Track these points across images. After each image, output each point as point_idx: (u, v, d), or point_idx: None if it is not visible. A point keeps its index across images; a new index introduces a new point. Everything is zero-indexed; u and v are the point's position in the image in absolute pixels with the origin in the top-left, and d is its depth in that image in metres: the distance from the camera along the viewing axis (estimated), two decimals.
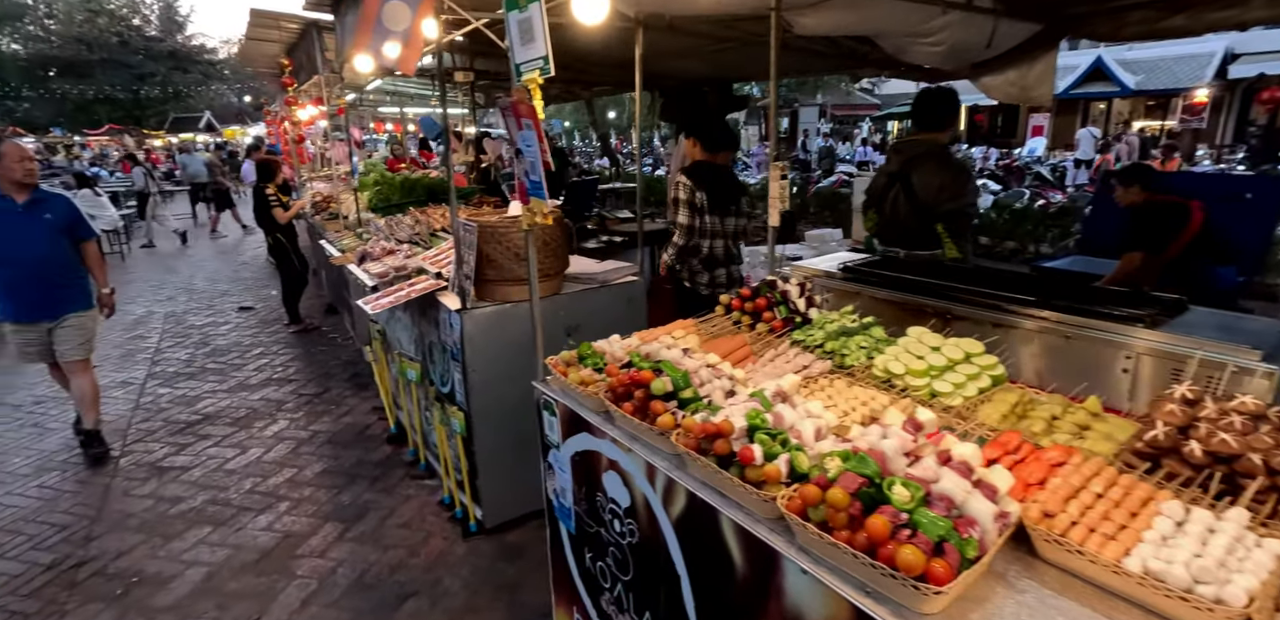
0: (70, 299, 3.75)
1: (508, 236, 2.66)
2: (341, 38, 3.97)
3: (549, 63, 1.55)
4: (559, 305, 2.90)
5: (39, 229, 3.57)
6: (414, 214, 4.28)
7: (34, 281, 3.63)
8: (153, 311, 7.16)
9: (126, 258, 10.30)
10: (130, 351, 5.88)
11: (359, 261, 3.47)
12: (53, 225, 3.61)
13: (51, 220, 3.61)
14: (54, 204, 3.66)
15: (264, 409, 4.54)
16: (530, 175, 1.66)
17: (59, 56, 33.11)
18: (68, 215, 3.69)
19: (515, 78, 1.66)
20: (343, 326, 6.26)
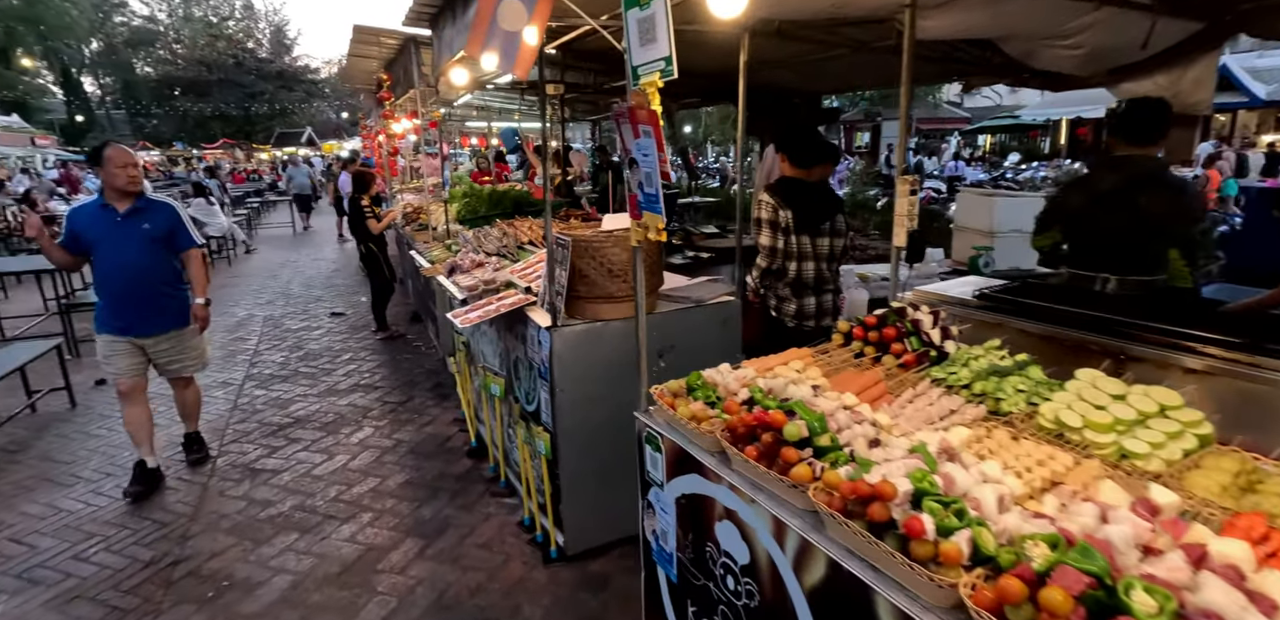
0: (168, 313, 3.52)
1: (603, 252, 2.53)
2: (438, 52, 4.00)
3: (671, 64, 1.40)
4: (651, 325, 2.73)
5: (135, 239, 3.36)
6: (501, 226, 4.24)
7: (130, 294, 3.41)
8: (253, 314, 7.50)
9: (233, 262, 10.92)
10: (232, 352, 6.13)
11: (448, 273, 3.43)
12: (149, 235, 3.39)
13: (149, 230, 3.38)
14: (154, 213, 3.43)
15: (351, 415, 4.59)
16: (645, 187, 1.51)
17: (183, 77, 36.03)
18: (167, 224, 3.44)
19: (632, 81, 1.51)
20: (426, 335, 6.34)
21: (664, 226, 1.54)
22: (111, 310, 3.43)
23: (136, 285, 3.39)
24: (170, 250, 3.50)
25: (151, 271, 3.42)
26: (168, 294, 3.50)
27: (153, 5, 39.84)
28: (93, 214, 3.36)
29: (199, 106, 35.55)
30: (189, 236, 3.55)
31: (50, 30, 31.56)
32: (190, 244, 3.55)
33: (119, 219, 3.33)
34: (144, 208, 3.40)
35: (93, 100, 39.76)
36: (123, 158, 3.31)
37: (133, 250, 3.35)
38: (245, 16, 41.00)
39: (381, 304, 6.34)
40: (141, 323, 3.46)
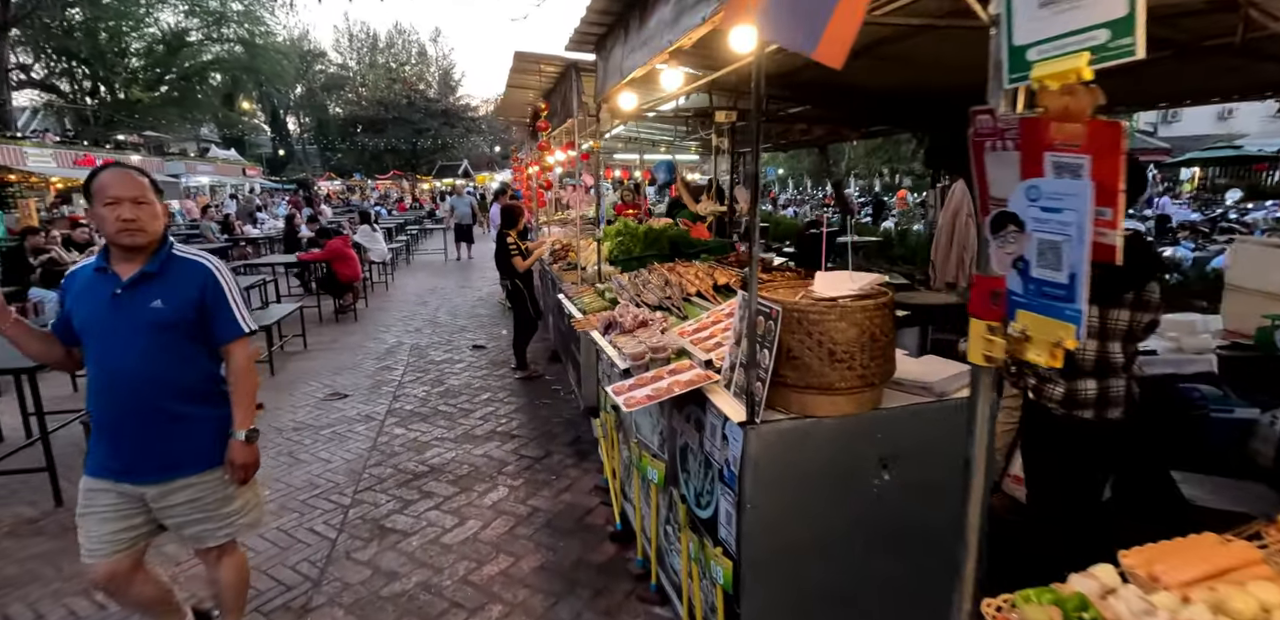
0: (186, 447, 2.13)
1: (822, 327, 1.88)
2: (603, 76, 3.59)
3: (1130, 31, 0.72)
4: (875, 424, 2.03)
5: (138, 325, 2.02)
6: (660, 271, 3.71)
7: (126, 415, 2.06)
8: (402, 342, 7.54)
9: (390, 287, 11.39)
10: (378, 383, 6.07)
11: (604, 329, 2.92)
12: (162, 319, 2.03)
13: (162, 311, 2.03)
14: (175, 281, 2.08)
15: (485, 469, 4.21)
16: (1039, 266, 0.84)
17: (364, 116, 40.03)
18: (195, 299, 2.09)
19: (1005, 76, 0.85)
20: (565, 378, 5.96)
21: (1073, 342, 0.85)
22: (101, 438, 2.13)
23: (136, 400, 2.05)
24: (199, 343, 2.14)
25: (162, 378, 2.06)
26: (187, 416, 2.12)
27: (345, 54, 44.99)
28: (86, 282, 2.08)
29: (375, 141, 39.33)
30: (233, 319, 2.15)
31: (266, 78, 36.35)
32: (235, 332, 2.15)
33: (118, 292, 2.01)
34: (158, 273, 2.05)
35: (292, 137, 45.31)
36: (118, 188, 1.97)
37: (132, 344, 2.02)
38: (419, 62, 45.19)
39: (523, 342, 6.05)
40: (140, 462, 2.09)
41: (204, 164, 31.10)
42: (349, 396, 5.69)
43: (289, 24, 42.28)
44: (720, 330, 2.60)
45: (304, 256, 8.64)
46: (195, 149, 34.98)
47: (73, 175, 22.13)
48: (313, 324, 8.41)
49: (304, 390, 5.87)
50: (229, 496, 2.24)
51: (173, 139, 34.29)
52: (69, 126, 29.18)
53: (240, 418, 2.19)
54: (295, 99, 43.57)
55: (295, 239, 10.82)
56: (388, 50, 45.18)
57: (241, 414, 2.20)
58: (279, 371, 6.38)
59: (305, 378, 6.22)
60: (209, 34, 32.94)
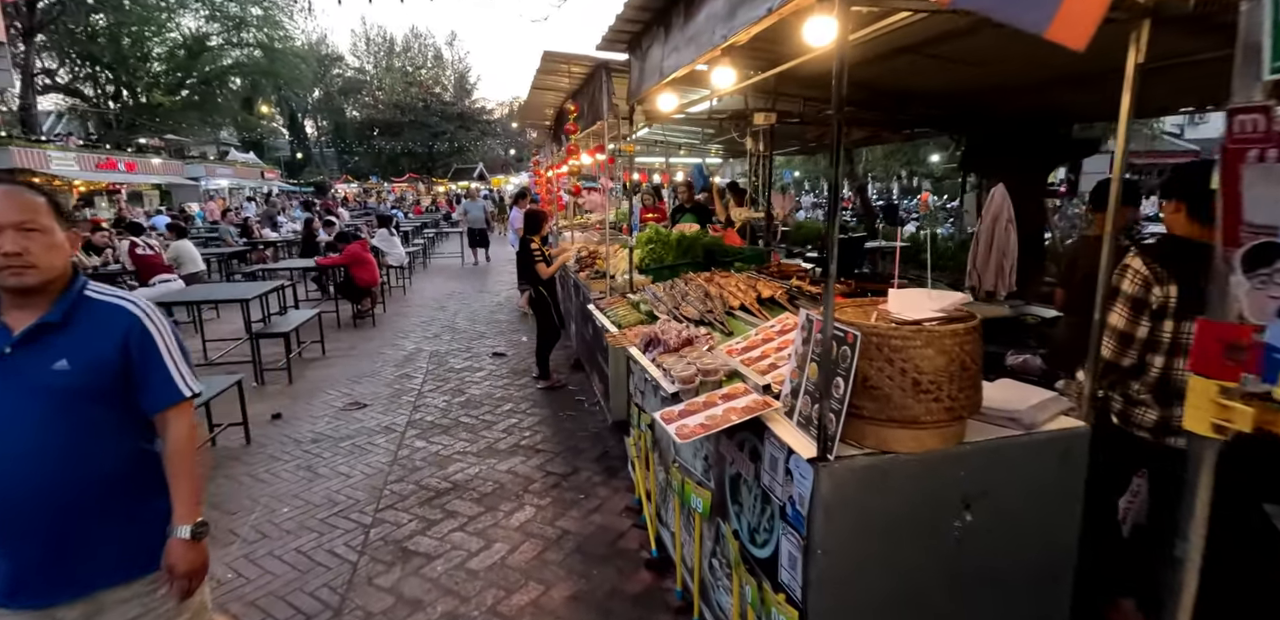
0: (111, 552, 1.59)
1: (905, 354, 1.67)
2: (639, 77, 3.40)
3: None
4: (959, 461, 1.82)
5: (35, 392, 1.50)
6: (698, 282, 3.51)
7: (21, 515, 1.49)
8: (421, 349, 7.39)
9: (408, 291, 11.28)
10: (398, 391, 5.91)
11: (644, 347, 2.72)
12: (68, 384, 1.51)
13: (67, 374, 1.51)
14: (86, 332, 1.56)
15: (511, 486, 4.02)
16: None
17: (381, 119, 40.21)
18: (114, 355, 1.57)
19: (1267, 63, 0.64)
20: (590, 387, 5.77)
21: None
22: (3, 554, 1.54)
23: (36, 497, 1.49)
24: (122, 413, 1.62)
25: (71, 464, 1.52)
26: (111, 513, 1.59)
27: (362, 58, 45.25)
28: None
29: (391, 144, 39.49)
30: (169, 379, 1.64)
31: (285, 82, 36.62)
32: (172, 396, 1.64)
33: (6, 350, 1.49)
34: (63, 323, 1.54)
35: (310, 140, 45.62)
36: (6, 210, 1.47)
37: (24, 419, 1.49)
38: (435, 65, 45.36)
39: (546, 351, 5.87)
40: (47, 576, 1.53)
41: (223, 167, 31.34)
42: (368, 406, 5.53)
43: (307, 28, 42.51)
44: (773, 349, 2.40)
45: (322, 261, 8.53)
46: (215, 152, 35.28)
47: (94, 178, 22.32)
48: (331, 329, 8.29)
49: (322, 399, 5.72)
50: (173, 611, 1.66)
51: (193, 142, 34.61)
52: (92, 130, 29.49)
53: (182, 509, 1.63)
54: (313, 102, 43.86)
55: (313, 243, 10.74)
56: (404, 54, 45.39)
57: (183, 504, 1.63)
58: (297, 379, 6.25)
59: (324, 386, 6.07)
60: (229, 38, 33.24)
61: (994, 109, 4.54)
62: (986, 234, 6.10)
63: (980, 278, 6.27)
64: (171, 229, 8.97)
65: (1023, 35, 2.44)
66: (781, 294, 3.03)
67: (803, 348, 1.96)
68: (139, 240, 8.04)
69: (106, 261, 8.50)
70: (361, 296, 8.55)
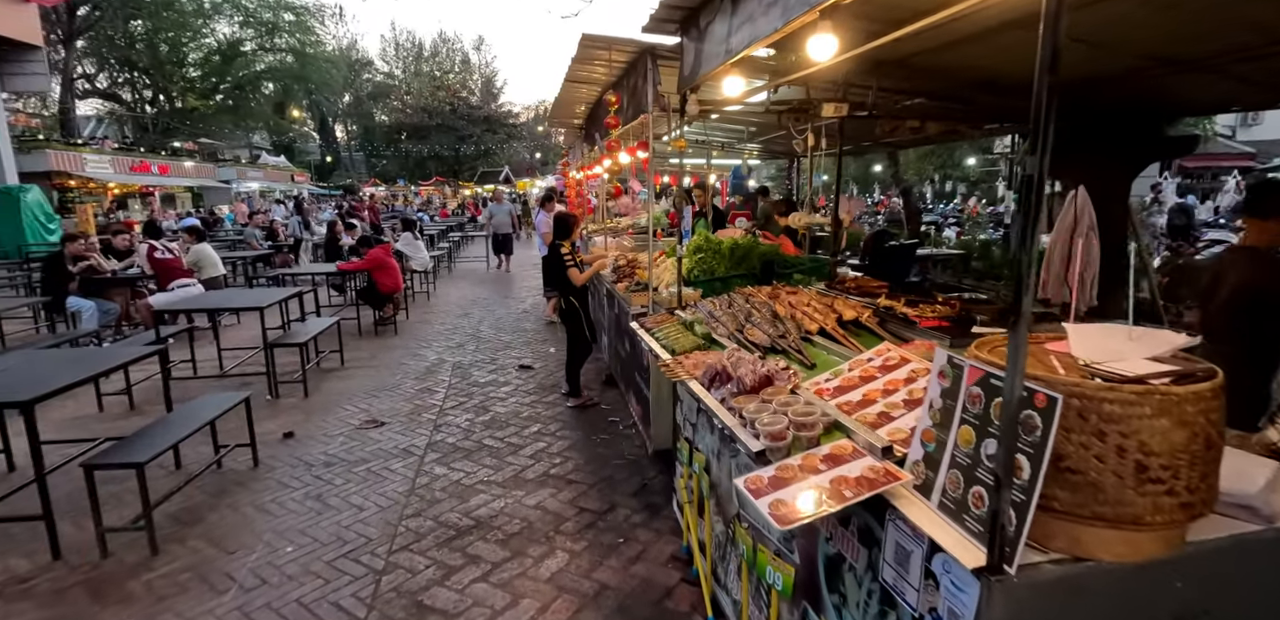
0: None
1: (1127, 425, 1.16)
2: (695, 59, 2.91)
3: None
4: (1174, 569, 1.30)
5: None
6: (761, 298, 3.01)
7: None
8: (443, 360, 6.97)
9: (431, 297, 10.91)
10: (418, 408, 5.48)
11: (708, 381, 2.22)
12: None
13: None
14: None
15: (540, 525, 3.55)
16: None
17: (409, 123, 40.32)
18: None
19: None
20: (624, 407, 5.28)
21: None
22: None
23: None
24: None
25: None
26: None
27: (391, 63, 45.47)
28: None
29: (419, 148, 39.55)
30: None
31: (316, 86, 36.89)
32: None
33: None
34: None
35: (339, 144, 45.95)
36: None
37: None
38: (463, 70, 45.42)
39: (576, 367, 5.40)
40: None
41: (254, 170, 31.55)
42: (386, 425, 5.11)
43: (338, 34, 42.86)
44: (878, 392, 1.89)
45: (344, 266, 8.18)
46: (248, 155, 35.60)
47: (128, 180, 22.48)
48: (351, 337, 7.93)
49: (338, 415, 5.31)
50: None
51: (226, 146, 34.97)
52: (128, 134, 29.88)
53: None
54: (343, 107, 44.17)
55: (336, 247, 10.42)
56: (432, 59, 45.54)
57: None
58: (313, 393, 5.86)
59: (340, 400, 5.67)
60: (262, 44, 33.55)
61: (1087, 100, 3.97)
62: (1062, 242, 5.52)
63: (1050, 290, 5.67)
64: (191, 232, 8.69)
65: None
66: (869, 317, 2.52)
67: (942, 401, 1.45)
68: (158, 244, 7.76)
69: (128, 266, 8.23)
70: (384, 303, 8.18)
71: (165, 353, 4.49)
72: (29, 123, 24.67)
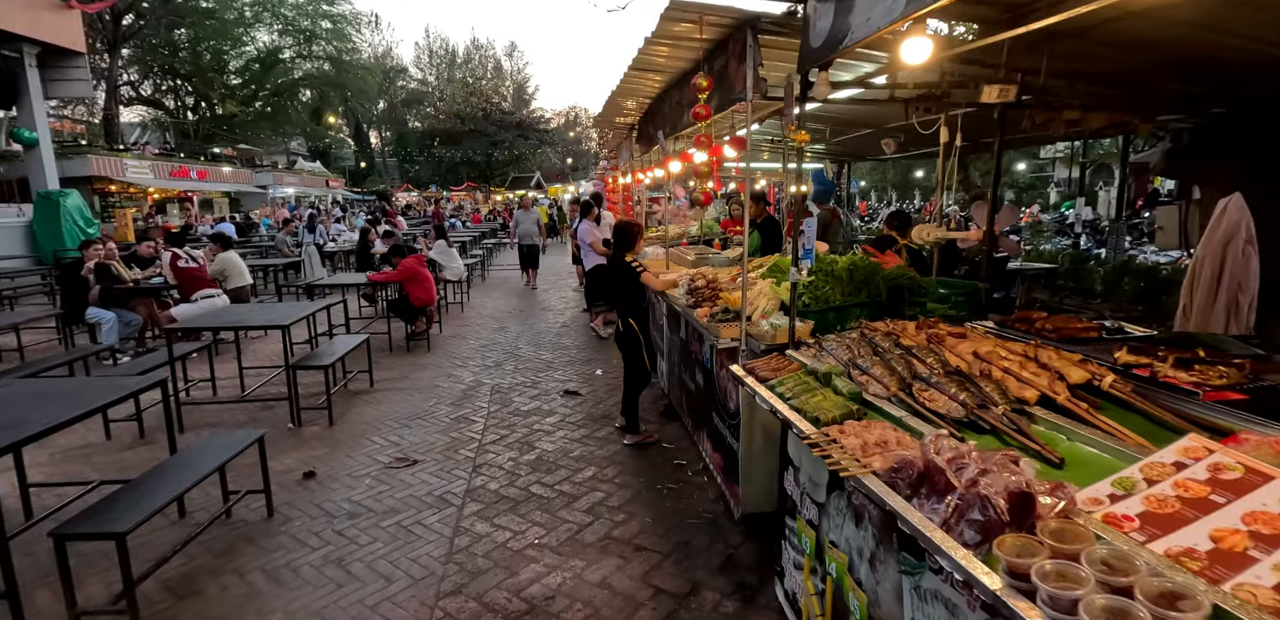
0: None
1: None
2: (833, 27, 2.17)
3: None
4: None
5: None
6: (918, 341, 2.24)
7: None
8: (480, 382, 6.30)
9: (465, 308, 10.29)
10: (455, 441, 4.80)
11: (907, 488, 1.46)
12: None
13: None
14: None
15: (608, 613, 2.81)
16: None
17: (441, 129, 40.21)
18: None
19: None
20: (692, 446, 4.54)
21: None
22: None
23: None
24: None
25: None
26: None
27: (425, 70, 45.54)
28: None
29: (451, 153, 39.41)
30: None
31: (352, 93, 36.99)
32: None
33: None
34: None
35: (374, 149, 46.11)
36: None
37: None
38: (495, 76, 45.30)
39: (634, 399, 4.67)
40: None
41: (290, 175, 31.57)
42: (419, 463, 4.44)
43: (374, 41, 42.97)
44: (1243, 535, 1.11)
45: (374, 277, 7.58)
46: (285, 161, 35.78)
47: (167, 185, 22.45)
48: (381, 353, 7.32)
49: (365, 450, 4.66)
50: None
51: (264, 152, 35.19)
52: (169, 140, 30.10)
53: None
54: (378, 113, 44.33)
55: (368, 255, 9.88)
56: (465, 65, 45.54)
57: None
58: (339, 420, 5.22)
59: (368, 430, 5.02)
60: (300, 51, 33.71)
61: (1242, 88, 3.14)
62: (1214, 259, 4.63)
63: (1203, 315, 4.78)
64: (216, 240, 8.17)
65: None
66: (1114, 382, 1.74)
67: None
68: (181, 252, 7.24)
69: (152, 274, 7.73)
70: (416, 316, 7.56)
71: (168, 382, 3.86)
72: (75, 129, 24.87)
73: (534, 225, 12.05)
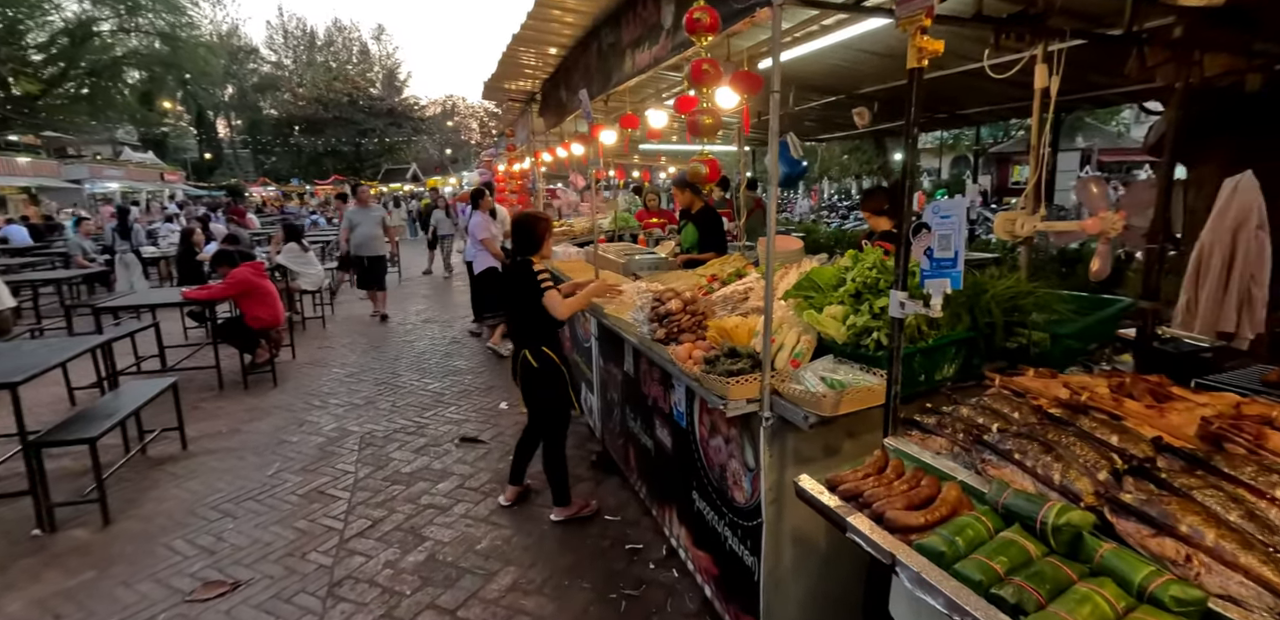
0: None
1: None
2: None
3: None
4: None
5: None
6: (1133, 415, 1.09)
7: None
8: (345, 430, 4.67)
9: (329, 323, 8.35)
10: (304, 537, 3.25)
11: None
12: None
13: None
14: None
15: None
16: None
17: (300, 115, 36.05)
18: None
19: None
20: (646, 516, 3.28)
21: None
22: None
23: None
24: None
25: None
26: None
27: (280, 52, 40.54)
28: None
29: (313, 142, 35.35)
30: None
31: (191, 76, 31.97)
32: None
33: None
34: None
35: (223, 140, 40.54)
36: None
37: None
38: (362, 60, 41.21)
39: (558, 454, 3.32)
40: None
41: (113, 168, 26.62)
42: (242, 585, 2.87)
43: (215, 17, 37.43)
44: None
45: (192, 294, 5.62)
46: (110, 152, 30.42)
47: None
48: (206, 395, 5.45)
49: (157, 568, 3.01)
50: None
51: (80, 141, 29.74)
52: None
53: None
54: (226, 99, 38.98)
55: (193, 263, 7.69)
56: (326, 48, 41.08)
57: None
58: (122, 514, 3.48)
59: (168, 529, 3.34)
60: (122, 25, 28.69)
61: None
62: (1223, 246, 3.98)
63: (1211, 311, 4.13)
64: None
65: None
66: None
67: None
68: None
69: None
70: (255, 342, 5.71)
71: None
72: None
73: (376, 227, 8.14)
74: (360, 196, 8.23)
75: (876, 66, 4.04)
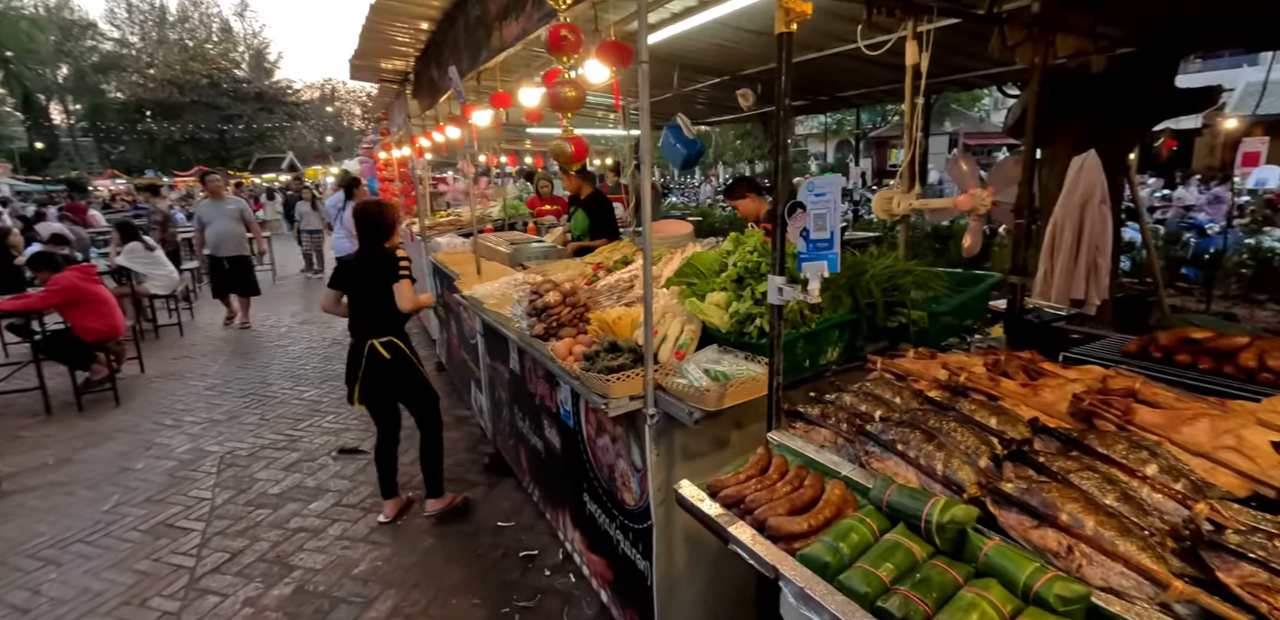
0: None
1: None
2: None
3: None
4: None
5: None
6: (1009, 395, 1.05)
7: None
8: (202, 451, 4.14)
9: (186, 331, 7.44)
10: (146, 580, 2.81)
11: None
12: None
13: None
14: None
15: None
16: None
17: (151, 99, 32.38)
18: None
19: None
20: (540, 519, 3.08)
21: None
22: None
23: None
24: None
25: None
26: None
27: (124, 29, 35.99)
28: None
29: (169, 129, 31.80)
30: None
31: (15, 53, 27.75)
32: None
33: None
34: None
35: (60, 127, 35.61)
36: None
37: None
38: (223, 39, 37.39)
39: (436, 446, 3.08)
40: None
41: None
42: None
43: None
44: None
45: (6, 305, 4.76)
46: None
47: None
48: (28, 422, 4.69)
49: None
50: None
51: None
52: None
53: None
54: (60, 80, 34.18)
55: (10, 268, 6.57)
56: (180, 25, 36.85)
57: None
58: None
59: None
60: None
61: None
62: (1073, 221, 4.29)
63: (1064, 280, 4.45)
64: None
65: None
66: None
67: None
68: None
69: None
70: (89, 357, 4.95)
71: None
72: None
73: (233, 223, 6.97)
74: (211, 187, 7.31)
75: (758, 46, 4.01)
